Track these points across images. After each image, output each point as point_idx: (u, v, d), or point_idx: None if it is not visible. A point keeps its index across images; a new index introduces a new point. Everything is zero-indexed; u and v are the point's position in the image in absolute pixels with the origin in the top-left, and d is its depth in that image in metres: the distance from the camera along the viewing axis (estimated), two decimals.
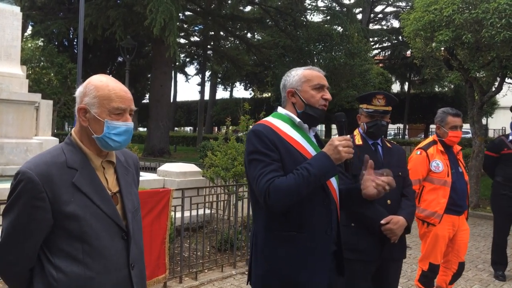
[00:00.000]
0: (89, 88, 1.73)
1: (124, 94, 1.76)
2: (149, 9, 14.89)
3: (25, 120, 7.58)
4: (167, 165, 7.63)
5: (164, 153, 20.33)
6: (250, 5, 24.92)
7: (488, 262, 5.98)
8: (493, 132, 25.46)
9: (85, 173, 1.70)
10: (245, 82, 34.80)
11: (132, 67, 21.70)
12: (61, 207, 1.62)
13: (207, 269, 5.27)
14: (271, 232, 2.17)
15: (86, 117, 1.73)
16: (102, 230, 1.69)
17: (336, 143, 2.06)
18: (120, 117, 1.74)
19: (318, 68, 2.36)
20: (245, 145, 2.23)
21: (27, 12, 18.62)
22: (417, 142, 22.66)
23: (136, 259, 1.82)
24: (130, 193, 1.86)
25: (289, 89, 2.29)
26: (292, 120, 2.26)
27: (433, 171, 3.92)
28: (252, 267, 2.27)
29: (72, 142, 1.76)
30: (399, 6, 31.08)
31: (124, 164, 1.90)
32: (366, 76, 20.78)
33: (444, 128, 4.00)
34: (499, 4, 8.42)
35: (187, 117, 43.15)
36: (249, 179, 2.17)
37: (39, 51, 20.46)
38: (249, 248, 2.40)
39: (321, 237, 2.18)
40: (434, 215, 3.92)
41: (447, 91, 27.70)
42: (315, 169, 2.02)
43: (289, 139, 2.18)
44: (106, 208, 1.71)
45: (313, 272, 2.16)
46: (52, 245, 1.66)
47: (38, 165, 1.63)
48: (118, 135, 1.74)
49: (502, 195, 5.50)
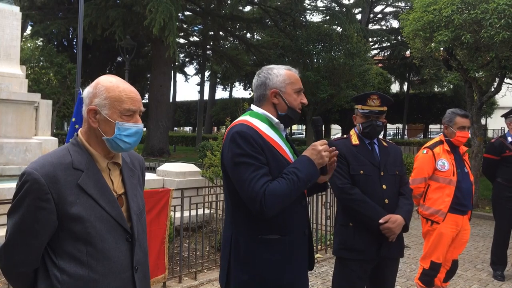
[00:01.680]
0: (99, 89, 1.72)
1: (134, 96, 1.76)
2: (148, 9, 14.88)
3: (24, 120, 7.58)
4: (167, 165, 7.64)
5: (164, 153, 20.33)
6: (249, 5, 24.89)
7: (487, 262, 5.99)
8: (492, 132, 25.46)
9: (91, 174, 1.69)
10: (244, 82, 34.80)
11: (132, 67, 21.71)
12: (66, 208, 1.61)
13: (206, 269, 5.28)
14: (254, 237, 2.13)
15: (96, 118, 1.72)
16: (106, 232, 1.68)
17: (319, 148, 2.09)
18: (131, 118, 1.74)
19: (295, 69, 2.33)
20: (227, 146, 2.13)
21: (27, 12, 18.59)
22: (416, 142, 22.72)
23: (140, 262, 1.80)
24: (135, 195, 1.85)
25: (274, 89, 2.23)
26: (269, 120, 2.23)
27: (438, 169, 3.98)
28: (231, 273, 2.18)
29: (79, 143, 1.75)
30: (398, 6, 31.11)
31: (130, 165, 1.89)
32: (365, 76, 20.78)
33: (452, 128, 4.06)
34: (498, 5, 8.43)
35: (187, 117, 43.17)
36: (236, 182, 2.10)
37: (38, 51, 20.47)
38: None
39: (301, 237, 2.22)
40: (438, 213, 3.96)
41: (446, 91, 27.75)
42: (303, 174, 2.04)
43: (271, 141, 2.17)
44: (111, 210, 1.70)
45: (296, 274, 2.18)
46: (57, 247, 1.65)
47: (44, 166, 1.62)
48: (129, 136, 1.74)
49: (507, 197, 5.47)
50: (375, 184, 2.99)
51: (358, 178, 2.99)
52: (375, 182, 2.99)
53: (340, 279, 3.04)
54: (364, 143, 3.13)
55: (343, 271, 3.02)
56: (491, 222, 8.55)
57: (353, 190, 2.95)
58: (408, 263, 6.05)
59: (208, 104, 35.46)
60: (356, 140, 3.14)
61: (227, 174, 2.18)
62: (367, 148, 3.10)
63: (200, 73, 30.17)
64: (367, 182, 2.98)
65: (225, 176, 2.22)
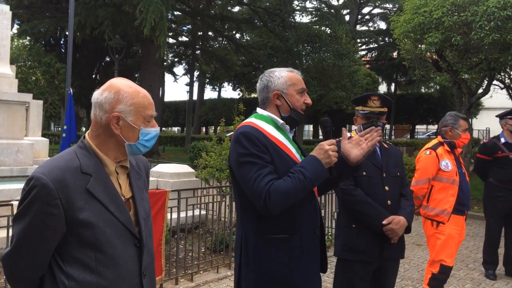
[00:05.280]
0: (122, 96, 1.68)
1: (152, 101, 1.76)
2: (139, 9, 14.80)
3: (15, 120, 7.47)
4: (160, 166, 7.60)
5: (153, 154, 20.19)
6: (239, 6, 24.90)
7: (479, 261, 6.07)
8: (478, 132, 25.79)
9: (99, 179, 1.66)
10: (233, 83, 34.79)
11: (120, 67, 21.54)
12: (75, 214, 1.58)
13: (202, 270, 5.27)
14: (263, 236, 2.16)
15: (119, 124, 1.68)
16: (115, 238, 1.65)
17: (326, 148, 2.10)
18: (150, 122, 1.74)
19: (297, 71, 2.37)
20: (232, 146, 2.19)
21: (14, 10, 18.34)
22: (404, 143, 22.93)
23: (148, 267, 1.78)
24: (142, 198, 1.82)
25: (276, 91, 2.27)
26: (275, 122, 2.26)
27: (442, 170, 4.02)
28: (242, 272, 2.22)
29: (86, 147, 1.71)
30: (386, 8, 31.39)
31: (136, 168, 1.86)
32: (354, 77, 20.95)
33: (458, 130, 4.16)
34: (487, 7, 8.58)
35: (175, 117, 42.99)
36: (242, 182, 2.14)
37: (25, 50, 20.22)
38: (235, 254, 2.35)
39: (311, 237, 2.22)
40: (443, 213, 3.99)
41: (433, 92, 28.06)
42: (309, 173, 2.06)
43: (277, 142, 2.20)
44: (120, 215, 1.67)
45: (307, 274, 2.19)
46: (64, 253, 1.62)
47: (52, 170, 1.58)
48: (149, 140, 1.74)
49: (498, 196, 5.53)
50: (377, 185, 3.01)
51: (360, 180, 3.01)
52: (378, 184, 3.01)
53: (343, 281, 3.04)
54: None
55: (346, 273, 3.02)
56: (480, 221, 8.68)
57: (356, 191, 2.97)
58: (402, 262, 6.10)
59: (197, 104, 35.36)
60: None
61: (234, 175, 2.21)
62: (369, 150, 3.12)
63: (189, 73, 30.07)
64: (370, 183, 3.00)
65: (232, 177, 2.25)
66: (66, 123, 9.32)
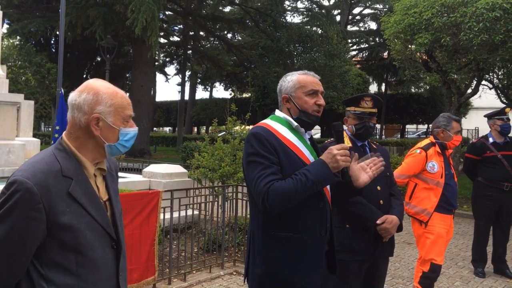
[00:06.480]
0: (101, 97, 1.68)
1: (130, 101, 1.78)
2: (130, 9, 14.75)
3: (7, 121, 7.44)
4: (153, 166, 7.60)
5: (145, 154, 20.15)
6: (230, 6, 24.89)
7: (468, 259, 6.16)
8: (467, 132, 26.02)
9: (80, 182, 1.65)
10: (225, 83, 34.76)
11: (111, 67, 21.46)
12: (57, 217, 1.56)
13: (195, 270, 5.30)
14: (267, 233, 2.22)
15: (99, 126, 1.68)
16: (95, 240, 1.66)
17: (334, 152, 2.12)
18: (128, 123, 1.76)
19: (313, 73, 2.41)
20: (244, 147, 2.29)
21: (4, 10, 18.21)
22: (394, 142, 23.09)
23: (123, 268, 1.81)
24: (117, 200, 1.84)
25: (284, 95, 2.36)
26: (289, 124, 2.33)
27: (428, 171, 4.10)
28: (249, 266, 2.32)
29: (65, 149, 1.68)
30: (376, 8, 31.52)
31: (110, 170, 1.87)
32: (345, 77, 21.04)
33: (450, 132, 4.23)
34: (476, 9, 8.69)
35: (166, 117, 42.84)
36: (247, 180, 2.23)
37: (16, 50, 20.06)
38: (246, 247, 2.42)
39: (316, 238, 2.25)
40: (424, 212, 4.08)
41: (423, 92, 28.26)
42: (313, 176, 2.09)
43: (288, 143, 2.25)
44: (100, 218, 1.68)
45: (308, 273, 2.22)
46: (43, 256, 1.59)
47: (35, 174, 1.55)
48: (128, 140, 1.76)
49: (486, 195, 5.60)
50: (370, 185, 3.03)
51: None
52: (370, 184, 3.03)
53: (337, 281, 3.08)
54: (357, 145, 3.20)
55: (340, 273, 3.05)
56: (469, 220, 8.79)
57: None
58: (392, 261, 6.17)
59: (189, 104, 35.26)
60: (348, 142, 3.19)
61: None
62: (360, 150, 3.15)
63: (181, 73, 30.00)
64: None
65: (244, 175, 2.33)
66: (58, 124, 9.26)
